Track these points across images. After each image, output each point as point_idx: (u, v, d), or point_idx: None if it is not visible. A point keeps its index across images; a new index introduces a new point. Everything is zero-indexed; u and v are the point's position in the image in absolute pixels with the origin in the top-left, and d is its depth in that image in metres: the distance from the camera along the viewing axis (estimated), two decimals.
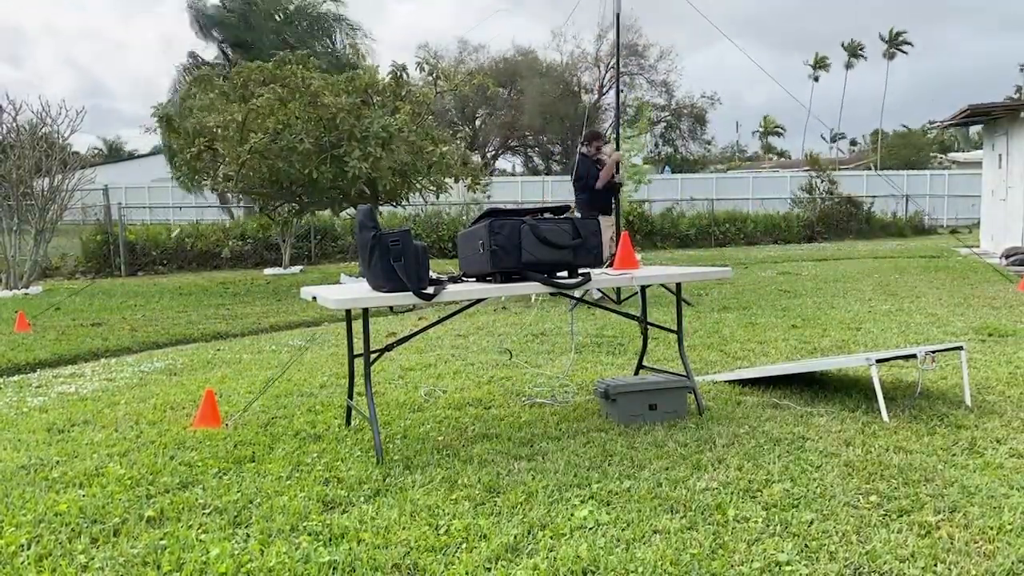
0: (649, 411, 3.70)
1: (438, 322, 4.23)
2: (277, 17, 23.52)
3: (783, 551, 2.32)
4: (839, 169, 30.48)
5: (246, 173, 10.24)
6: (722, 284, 9.57)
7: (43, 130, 12.14)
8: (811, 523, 2.51)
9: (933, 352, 3.97)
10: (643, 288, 4.61)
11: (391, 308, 5.94)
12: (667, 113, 42.94)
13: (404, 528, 2.57)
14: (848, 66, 69.34)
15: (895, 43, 66.73)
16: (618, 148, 8.60)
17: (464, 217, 19.08)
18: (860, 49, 68.88)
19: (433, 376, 4.91)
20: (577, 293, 4.64)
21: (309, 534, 2.54)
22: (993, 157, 14.40)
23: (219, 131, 10.27)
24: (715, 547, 2.36)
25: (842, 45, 70.15)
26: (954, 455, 3.12)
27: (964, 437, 3.33)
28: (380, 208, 11.79)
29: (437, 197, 11.82)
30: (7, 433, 3.91)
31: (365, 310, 3.40)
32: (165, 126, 11.46)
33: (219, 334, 7.23)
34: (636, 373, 4.45)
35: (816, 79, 69.50)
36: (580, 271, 3.65)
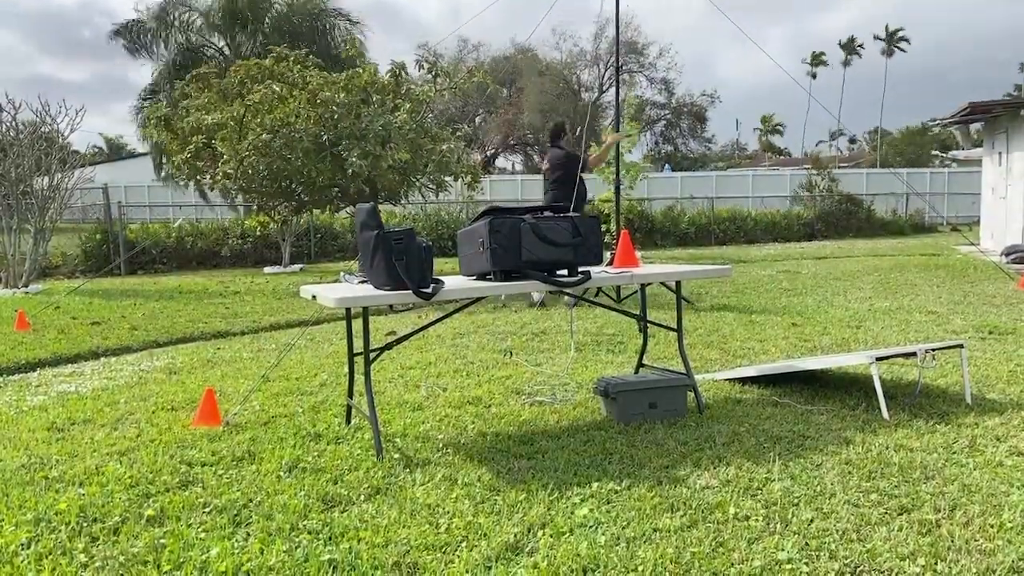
0: (649, 409, 3.70)
1: (438, 320, 4.22)
2: (271, 15, 23.46)
3: (783, 549, 2.32)
4: (839, 167, 30.50)
5: (245, 171, 10.23)
6: (722, 282, 9.57)
7: (43, 129, 12.12)
8: (811, 521, 2.51)
9: (933, 350, 3.97)
10: (643, 286, 4.61)
11: (391, 307, 5.94)
12: (667, 111, 42.94)
13: (404, 526, 2.57)
14: (846, 63, 69.32)
15: (893, 40, 66.70)
16: (618, 152, 8.56)
17: (464, 215, 19.08)
18: (858, 46, 68.87)
19: (433, 374, 4.91)
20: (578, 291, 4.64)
21: (309, 533, 2.54)
22: (993, 155, 14.39)
23: (218, 129, 10.27)
24: (715, 545, 2.36)
25: (839, 44, 70.16)
26: (954, 453, 3.12)
27: (964, 435, 3.33)
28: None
29: (437, 196, 11.82)
30: (7, 432, 3.91)
31: (365, 308, 3.39)
32: (162, 126, 11.44)
33: (219, 333, 7.23)
34: (636, 371, 4.44)
35: (814, 76, 69.48)
36: (580, 269, 3.65)
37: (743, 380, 4.46)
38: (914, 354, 3.89)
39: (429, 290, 3.27)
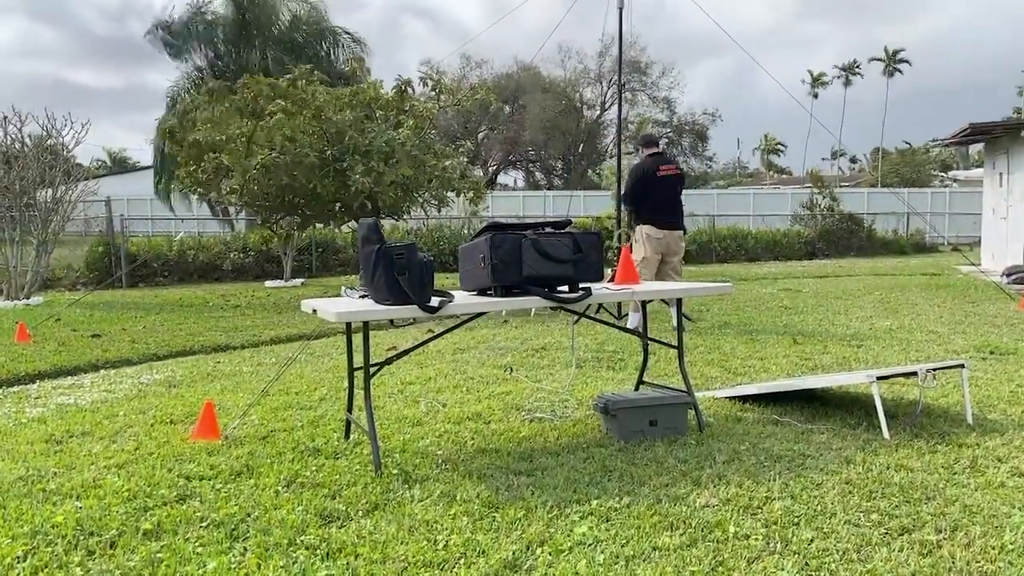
0: (649, 427, 3.69)
1: (438, 335, 4.22)
2: (274, 29, 23.64)
3: (783, 569, 2.30)
4: (840, 186, 30.55)
5: (250, 187, 10.27)
6: (723, 300, 9.57)
7: (48, 142, 12.18)
8: (811, 541, 2.50)
9: (934, 369, 3.97)
10: (643, 303, 4.61)
11: (391, 321, 5.93)
12: (669, 129, 43.12)
13: (402, 543, 2.55)
14: (846, 84, 69.72)
15: (893, 60, 67.11)
16: (619, 165, 8.60)
17: (465, 230, 19.13)
18: (856, 67, 69.30)
19: (433, 390, 4.90)
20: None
21: (306, 548, 2.53)
22: (994, 176, 14.43)
23: (226, 144, 10.31)
24: (715, 565, 2.35)
25: (835, 66, 70.66)
26: (955, 473, 3.11)
27: (965, 455, 3.31)
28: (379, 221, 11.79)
29: (439, 211, 11.85)
30: (5, 444, 3.90)
31: (365, 323, 3.39)
32: (169, 139, 11.49)
33: (219, 346, 7.22)
34: (636, 388, 4.43)
35: (815, 95, 69.83)
36: (581, 286, 3.65)
37: (744, 398, 4.44)
38: (915, 373, 3.88)
39: (435, 304, 3.27)
